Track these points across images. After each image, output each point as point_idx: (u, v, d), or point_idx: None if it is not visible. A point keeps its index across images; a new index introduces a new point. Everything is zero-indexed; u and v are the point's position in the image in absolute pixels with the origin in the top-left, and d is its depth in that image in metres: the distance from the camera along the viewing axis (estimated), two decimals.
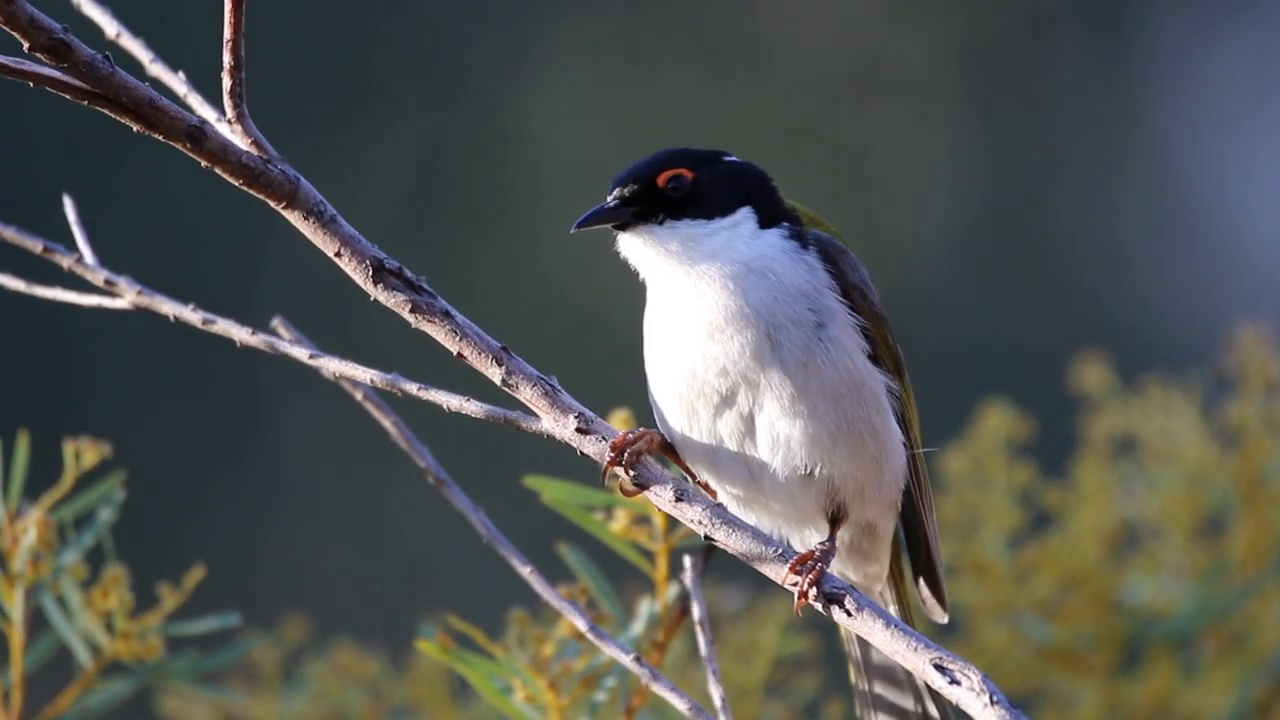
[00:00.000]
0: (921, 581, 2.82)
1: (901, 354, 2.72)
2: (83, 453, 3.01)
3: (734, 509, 2.69)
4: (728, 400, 2.65)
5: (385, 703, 3.66)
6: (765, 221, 2.69)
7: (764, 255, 2.66)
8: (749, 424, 2.65)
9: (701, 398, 2.65)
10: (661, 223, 2.70)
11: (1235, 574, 3.74)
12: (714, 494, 2.72)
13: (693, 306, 2.66)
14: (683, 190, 2.69)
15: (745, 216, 2.69)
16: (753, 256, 2.66)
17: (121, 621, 2.99)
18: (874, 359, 2.67)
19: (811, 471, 2.66)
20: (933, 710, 2.83)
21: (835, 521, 2.69)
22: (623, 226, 2.71)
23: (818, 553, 2.60)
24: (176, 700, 3.62)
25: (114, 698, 3.03)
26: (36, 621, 3.00)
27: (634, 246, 2.71)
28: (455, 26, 7.16)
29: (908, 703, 2.84)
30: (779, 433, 2.65)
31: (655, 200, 2.70)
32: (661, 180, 2.70)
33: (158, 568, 3.11)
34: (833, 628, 2.85)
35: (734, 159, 2.73)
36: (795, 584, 2.58)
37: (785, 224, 2.70)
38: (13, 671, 2.98)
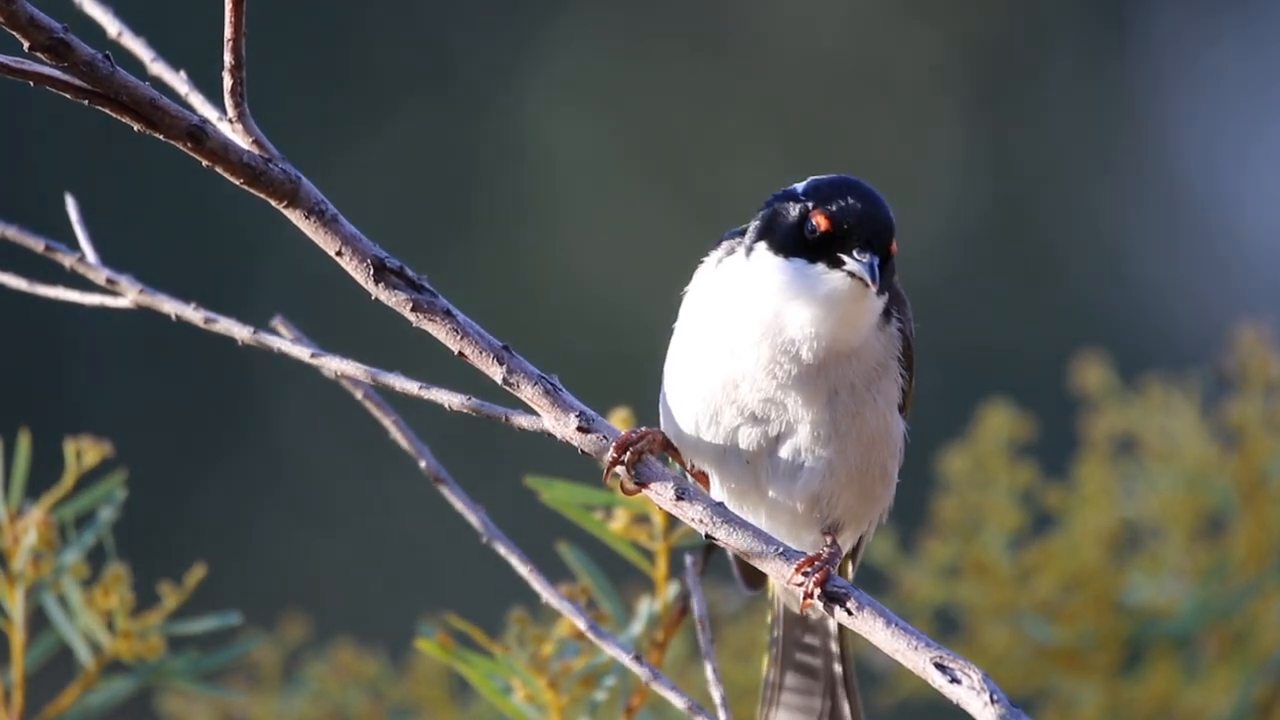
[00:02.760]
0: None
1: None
2: (84, 452, 3.01)
3: (729, 502, 2.70)
4: (760, 419, 2.66)
5: (385, 702, 3.66)
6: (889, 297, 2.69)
7: (869, 331, 2.66)
8: (773, 443, 2.67)
9: (733, 406, 2.66)
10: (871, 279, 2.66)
11: (1236, 574, 3.75)
12: (705, 481, 2.73)
13: (772, 341, 2.65)
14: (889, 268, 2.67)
15: (884, 298, 2.68)
16: (864, 335, 2.65)
17: (122, 621, 2.99)
18: (900, 408, 2.71)
19: (820, 498, 2.68)
20: (844, 711, 2.84)
21: (830, 533, 2.71)
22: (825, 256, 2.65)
23: (825, 554, 2.61)
24: (177, 700, 3.62)
25: (115, 697, 3.03)
26: (37, 621, 3.00)
27: (859, 297, 2.66)
28: (457, 25, 7.17)
29: (816, 702, 2.86)
30: (802, 461, 2.67)
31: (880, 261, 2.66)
32: (892, 251, 2.66)
33: (158, 567, 3.11)
34: None
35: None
36: (800, 584, 2.59)
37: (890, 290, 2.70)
38: (14, 671, 2.98)
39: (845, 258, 2.61)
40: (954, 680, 2.53)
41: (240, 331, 2.66)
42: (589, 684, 2.89)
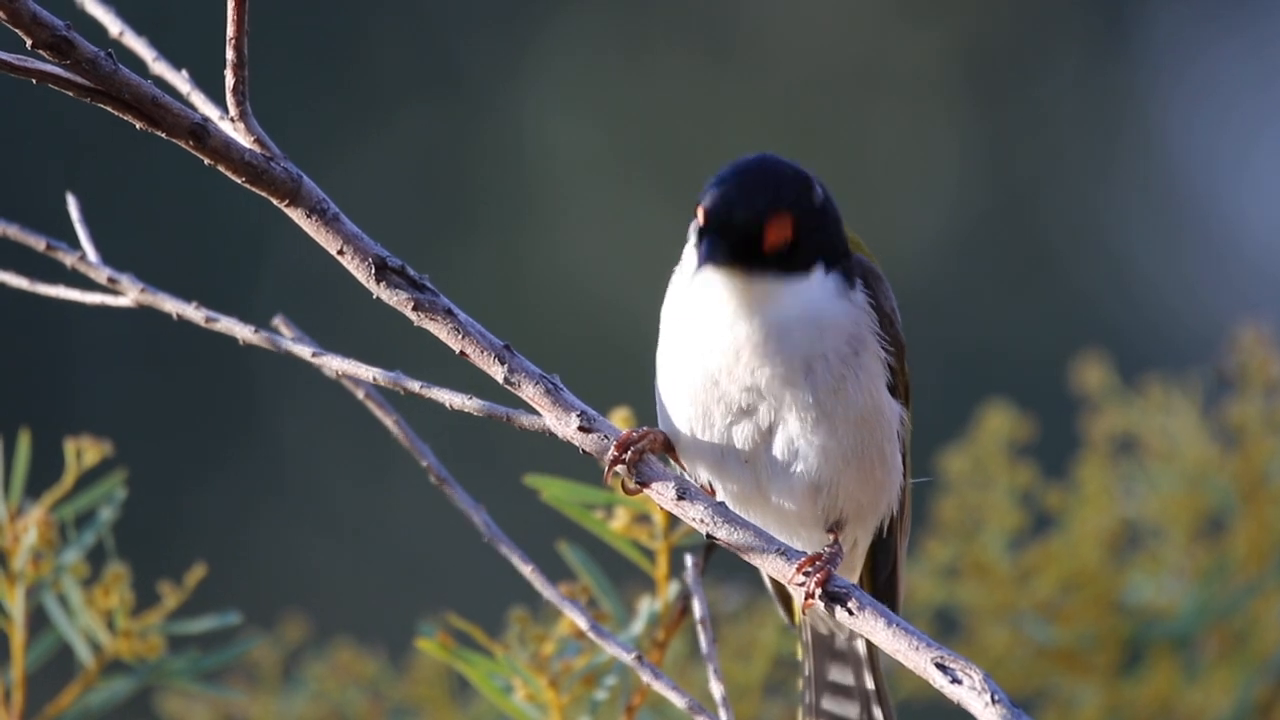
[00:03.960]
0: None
1: (910, 382, 2.74)
2: (84, 451, 3.01)
3: (733, 506, 2.69)
4: (748, 412, 2.66)
5: (385, 702, 3.66)
6: (829, 268, 2.68)
7: (815, 301, 2.65)
8: (766, 436, 2.67)
9: (720, 404, 2.66)
10: (751, 270, 2.65)
11: (1236, 574, 3.75)
12: (713, 492, 2.73)
13: (732, 332, 2.65)
14: (782, 252, 2.66)
15: (817, 271, 2.67)
16: (807, 306, 2.65)
17: (122, 620, 2.99)
18: (891, 389, 2.70)
19: (820, 487, 2.68)
20: (878, 715, 2.85)
21: (835, 530, 2.71)
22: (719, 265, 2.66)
23: (826, 554, 2.61)
24: (177, 699, 3.62)
25: (115, 696, 3.03)
26: (38, 620, 3.00)
27: (718, 278, 2.66)
28: (456, 24, 7.17)
29: (853, 711, 2.86)
30: (797, 448, 2.66)
31: (755, 253, 2.64)
32: (770, 242, 2.65)
33: (159, 566, 3.11)
34: None
35: (820, 192, 2.69)
36: (802, 584, 2.59)
37: (840, 262, 2.69)
38: (14, 670, 2.98)
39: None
40: (955, 680, 2.53)
41: (241, 331, 2.66)
42: (590, 683, 2.89)
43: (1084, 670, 3.75)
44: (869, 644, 2.81)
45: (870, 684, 2.85)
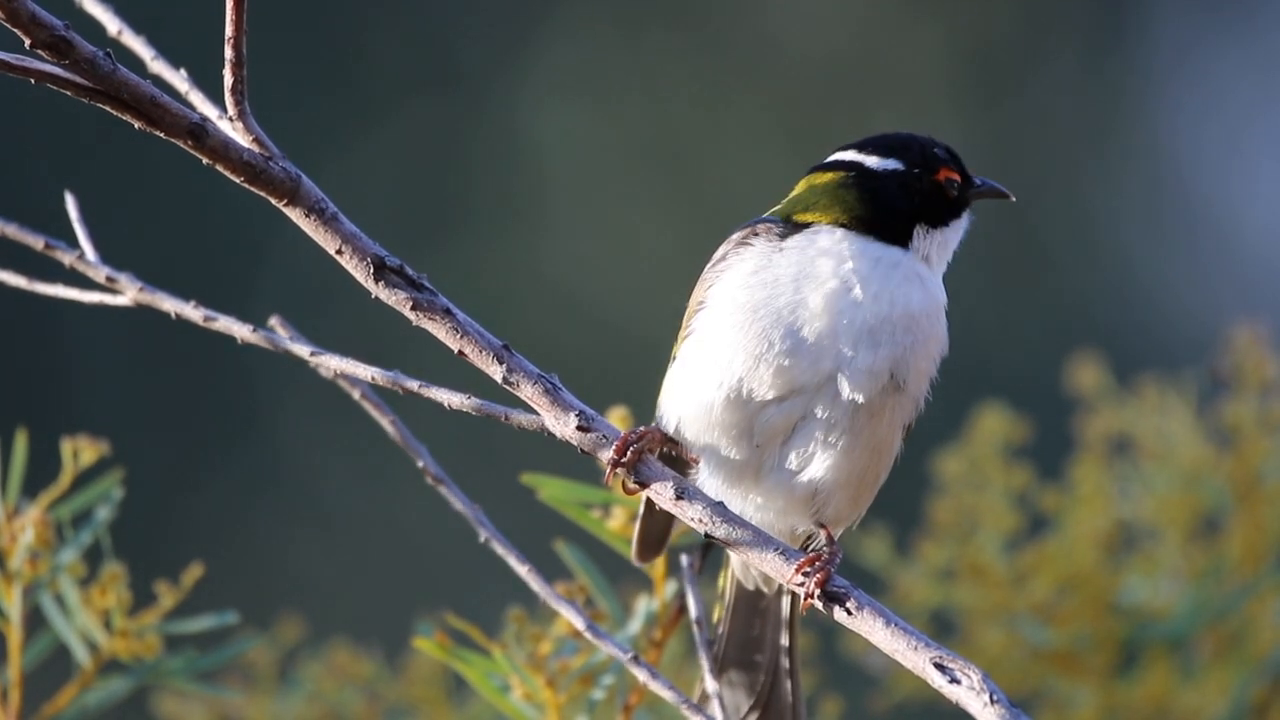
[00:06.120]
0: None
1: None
2: (81, 451, 3.01)
3: (711, 483, 2.69)
4: (784, 400, 2.66)
5: (382, 702, 3.66)
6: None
7: (939, 301, 2.74)
8: (788, 433, 2.67)
9: (781, 374, 2.65)
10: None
11: (1232, 574, 3.75)
12: (696, 460, 2.71)
13: (863, 299, 2.68)
14: None
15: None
16: (940, 296, 2.75)
17: (119, 620, 2.99)
18: (907, 426, 2.74)
19: (814, 494, 2.68)
20: (785, 694, 2.86)
21: (824, 526, 2.72)
22: (966, 204, 2.82)
23: (826, 554, 2.61)
24: (173, 699, 3.62)
25: (112, 696, 3.03)
26: (34, 620, 3.00)
27: (958, 231, 2.79)
28: (457, 25, 7.17)
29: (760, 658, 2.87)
30: (811, 455, 2.67)
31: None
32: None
33: (155, 566, 3.11)
34: (830, 626, 2.86)
35: None
36: (801, 584, 2.59)
37: None
38: (11, 670, 2.98)
39: (970, 193, 2.80)
40: (954, 680, 2.53)
41: (240, 330, 2.66)
42: (587, 683, 2.89)
43: (1080, 671, 3.75)
44: (792, 602, 2.82)
45: (785, 640, 2.85)
